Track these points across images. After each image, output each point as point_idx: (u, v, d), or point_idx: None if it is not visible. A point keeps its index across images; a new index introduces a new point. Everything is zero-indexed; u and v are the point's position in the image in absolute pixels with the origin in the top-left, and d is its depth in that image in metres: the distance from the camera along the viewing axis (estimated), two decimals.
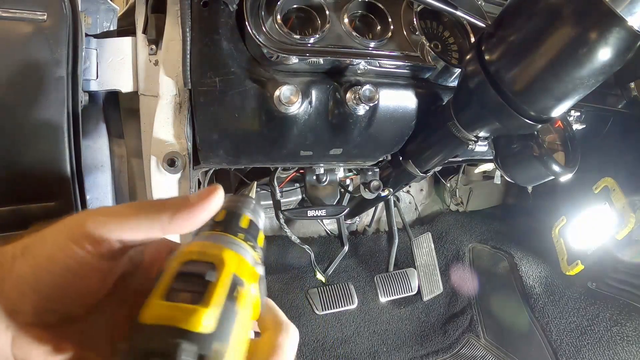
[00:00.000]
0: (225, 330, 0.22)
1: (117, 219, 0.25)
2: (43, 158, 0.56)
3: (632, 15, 0.39)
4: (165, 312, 0.21)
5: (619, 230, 1.05)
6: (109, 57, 0.64)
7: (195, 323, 0.21)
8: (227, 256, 0.25)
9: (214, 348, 0.21)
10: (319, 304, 1.19)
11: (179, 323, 0.21)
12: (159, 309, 0.21)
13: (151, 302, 0.22)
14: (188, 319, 0.21)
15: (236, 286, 0.24)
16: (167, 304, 0.22)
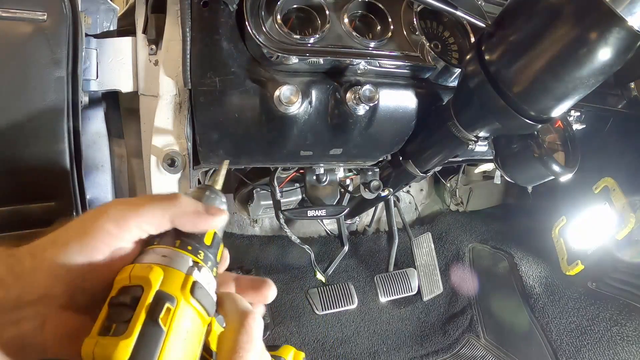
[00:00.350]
0: (147, 355, 0.23)
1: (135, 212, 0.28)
2: (43, 158, 0.56)
3: (632, 15, 0.39)
4: (92, 348, 0.23)
5: (619, 230, 1.05)
6: (109, 57, 0.64)
7: (112, 356, 0.22)
8: (151, 275, 0.26)
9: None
10: (319, 304, 1.19)
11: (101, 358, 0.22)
12: (91, 346, 0.23)
13: (86, 340, 0.24)
14: (106, 353, 0.22)
15: (162, 305, 0.25)
16: (97, 339, 0.24)
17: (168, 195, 0.30)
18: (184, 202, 0.30)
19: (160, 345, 0.24)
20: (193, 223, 0.30)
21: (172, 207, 0.29)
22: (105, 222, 0.27)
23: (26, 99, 0.54)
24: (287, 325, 1.15)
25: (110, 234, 0.27)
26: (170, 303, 0.25)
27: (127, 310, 0.25)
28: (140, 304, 0.25)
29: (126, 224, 0.28)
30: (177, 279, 0.27)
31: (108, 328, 0.24)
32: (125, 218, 0.28)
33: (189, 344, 0.26)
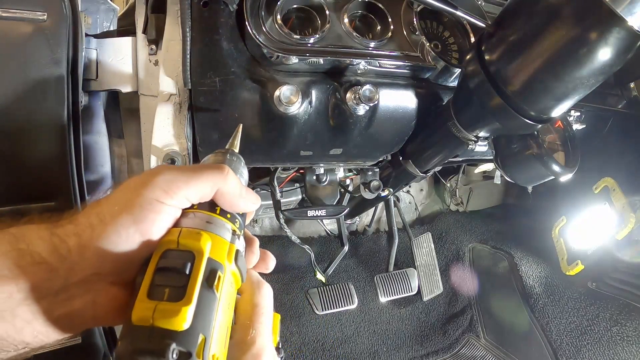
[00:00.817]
0: (207, 320, 0.24)
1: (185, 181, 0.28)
2: (43, 158, 0.56)
3: (632, 15, 0.39)
4: (150, 313, 0.23)
5: (619, 230, 1.05)
6: (109, 57, 0.64)
7: (177, 322, 0.23)
8: (202, 242, 0.26)
9: (199, 340, 0.23)
10: (319, 304, 1.19)
11: (164, 324, 0.23)
12: (145, 310, 0.23)
13: (137, 304, 0.24)
14: (170, 319, 0.23)
15: (215, 273, 0.26)
16: (151, 304, 0.24)
17: (217, 168, 0.30)
18: (232, 180, 0.31)
19: (215, 310, 0.25)
20: (233, 203, 0.31)
21: (221, 181, 0.30)
22: (155, 190, 0.27)
23: (26, 99, 0.54)
24: (287, 325, 1.15)
25: (160, 202, 0.27)
26: (220, 271, 0.26)
27: (180, 275, 0.25)
28: (195, 270, 0.25)
29: (175, 192, 0.28)
30: (222, 246, 0.28)
31: (160, 292, 0.24)
32: (174, 186, 0.28)
33: (230, 308, 0.28)
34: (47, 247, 0.26)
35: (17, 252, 0.26)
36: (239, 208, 0.31)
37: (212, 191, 0.30)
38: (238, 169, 0.35)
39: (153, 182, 0.28)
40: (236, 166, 0.35)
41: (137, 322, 0.23)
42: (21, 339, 0.26)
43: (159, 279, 0.25)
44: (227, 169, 0.31)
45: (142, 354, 0.22)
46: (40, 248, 0.26)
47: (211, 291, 0.25)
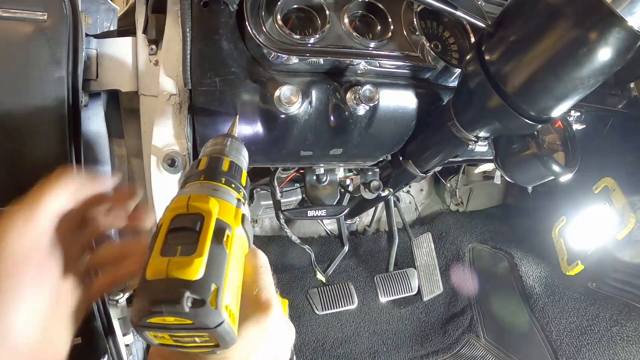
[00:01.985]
0: (218, 272, 0.25)
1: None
2: (43, 158, 0.56)
3: (632, 15, 0.39)
4: (164, 266, 0.24)
5: (619, 230, 1.05)
6: (109, 57, 0.64)
7: (190, 272, 0.24)
8: (210, 204, 0.28)
9: (212, 289, 0.24)
10: (319, 304, 1.20)
11: (177, 274, 0.24)
12: (159, 265, 0.24)
13: (151, 261, 0.25)
14: (184, 270, 0.24)
15: (223, 231, 0.27)
16: (165, 259, 0.25)
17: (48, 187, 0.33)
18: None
19: (225, 265, 0.26)
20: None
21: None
22: None
23: (26, 99, 0.54)
24: None
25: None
26: (228, 230, 0.28)
27: (191, 233, 0.26)
28: (205, 228, 0.27)
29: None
30: (230, 210, 0.30)
31: (173, 250, 0.25)
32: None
33: (239, 270, 0.29)
34: None
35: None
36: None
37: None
38: (240, 151, 0.37)
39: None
40: (237, 149, 0.37)
41: (152, 277, 0.24)
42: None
43: (171, 238, 0.26)
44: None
45: (157, 304, 0.23)
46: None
47: (221, 247, 0.26)
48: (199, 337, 0.25)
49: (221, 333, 0.24)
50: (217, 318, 0.24)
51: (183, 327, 0.24)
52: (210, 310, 0.24)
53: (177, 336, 0.25)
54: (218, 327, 0.24)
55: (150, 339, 0.25)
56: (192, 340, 0.25)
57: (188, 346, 0.26)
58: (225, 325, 0.24)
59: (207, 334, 0.24)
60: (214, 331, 0.24)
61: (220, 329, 0.24)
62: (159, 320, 0.24)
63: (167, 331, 0.24)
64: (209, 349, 0.26)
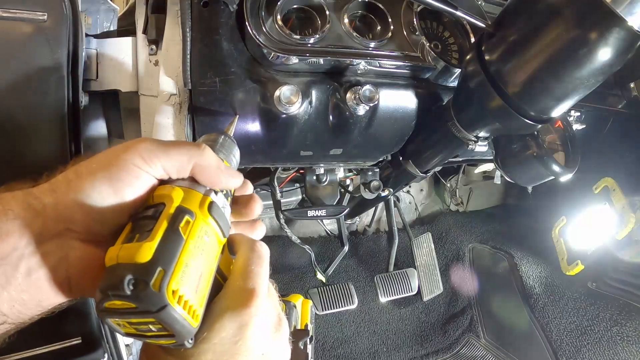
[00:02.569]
0: (168, 257, 0.25)
1: (163, 152, 0.29)
2: (43, 158, 0.56)
3: (632, 15, 0.39)
4: (117, 253, 0.25)
5: (619, 230, 1.05)
6: (109, 57, 0.64)
7: (137, 256, 0.24)
8: (173, 193, 0.28)
9: (157, 272, 0.24)
10: (319, 304, 1.19)
11: (124, 259, 0.25)
12: (115, 252, 0.25)
13: (110, 248, 0.26)
14: (131, 254, 0.24)
15: (182, 217, 0.27)
16: (120, 246, 0.25)
17: (195, 144, 0.32)
18: (209, 154, 0.32)
19: (179, 250, 0.26)
20: (211, 178, 0.31)
21: (198, 155, 0.31)
22: (134, 155, 0.28)
23: (26, 99, 0.54)
24: None
25: (137, 167, 0.28)
26: (189, 216, 0.28)
27: (150, 221, 0.27)
28: (163, 215, 0.27)
29: (153, 160, 0.29)
30: (196, 198, 0.29)
31: (131, 238, 0.26)
32: (152, 155, 0.29)
33: (205, 259, 0.28)
34: (21, 204, 0.27)
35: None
36: (219, 182, 0.32)
37: (189, 164, 0.30)
38: (231, 150, 0.37)
39: (133, 148, 0.29)
40: (228, 147, 0.37)
41: (107, 263, 0.25)
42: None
43: (134, 227, 0.27)
44: (204, 145, 0.32)
45: (105, 288, 0.24)
46: (14, 206, 0.27)
47: (176, 232, 0.26)
48: (152, 324, 0.24)
49: (166, 319, 0.24)
50: (159, 301, 0.23)
51: (130, 311, 0.24)
52: (151, 292, 0.23)
53: (133, 323, 0.25)
54: (161, 311, 0.23)
55: (115, 326, 0.25)
56: (148, 328, 0.25)
57: (149, 335, 0.25)
58: (169, 310, 0.24)
59: (155, 320, 0.24)
60: (158, 316, 0.23)
61: (164, 314, 0.23)
62: (111, 304, 0.24)
63: (122, 317, 0.24)
64: (170, 339, 0.25)
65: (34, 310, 0.28)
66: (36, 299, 0.27)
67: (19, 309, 0.27)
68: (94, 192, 0.27)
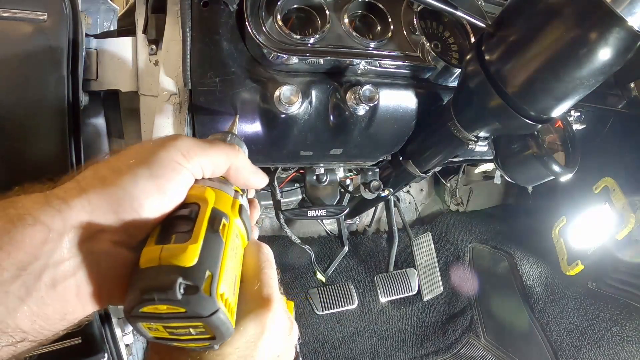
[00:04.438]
0: (214, 260, 0.24)
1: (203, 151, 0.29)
2: (43, 158, 0.56)
3: (632, 15, 0.39)
4: (158, 254, 0.24)
5: (619, 230, 1.05)
6: (109, 57, 0.64)
7: (183, 258, 0.23)
8: (207, 193, 0.28)
9: (206, 276, 0.23)
10: (319, 304, 1.19)
11: (168, 261, 0.23)
12: (152, 253, 0.24)
13: (145, 249, 0.24)
14: (177, 256, 0.23)
15: (220, 219, 0.27)
16: (158, 247, 0.24)
17: (230, 145, 0.32)
18: (244, 156, 0.32)
19: (222, 253, 0.25)
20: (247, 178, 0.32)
21: (234, 157, 0.31)
22: (175, 152, 0.27)
23: (26, 99, 0.54)
24: None
25: (178, 163, 0.27)
26: (225, 219, 0.27)
27: (187, 222, 0.26)
28: (201, 215, 0.26)
29: (193, 157, 0.28)
30: (227, 200, 0.30)
31: (167, 238, 0.25)
32: (192, 152, 0.28)
33: (237, 260, 0.28)
34: (41, 207, 0.24)
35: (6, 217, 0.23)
36: (252, 183, 0.33)
37: (226, 165, 0.31)
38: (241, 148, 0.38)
39: (172, 144, 0.28)
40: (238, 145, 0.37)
41: (145, 265, 0.24)
42: (16, 325, 0.23)
43: (167, 227, 0.26)
44: (238, 147, 0.33)
45: (149, 291, 0.22)
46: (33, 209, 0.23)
47: (217, 235, 0.26)
48: (194, 327, 0.24)
49: (216, 322, 0.23)
50: (211, 306, 0.23)
51: (176, 316, 0.23)
52: (203, 297, 0.23)
53: (171, 327, 0.24)
54: (212, 315, 0.23)
55: (145, 331, 0.24)
56: (187, 331, 0.24)
57: (183, 339, 0.25)
58: (220, 314, 0.23)
59: (202, 324, 0.23)
60: (209, 320, 0.23)
61: (214, 318, 0.23)
62: (151, 309, 0.23)
63: (161, 321, 0.23)
64: (205, 342, 0.25)
65: (57, 325, 0.25)
66: (61, 313, 0.24)
67: (41, 324, 0.24)
68: (136, 189, 0.25)
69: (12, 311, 0.22)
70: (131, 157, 0.27)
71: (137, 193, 0.26)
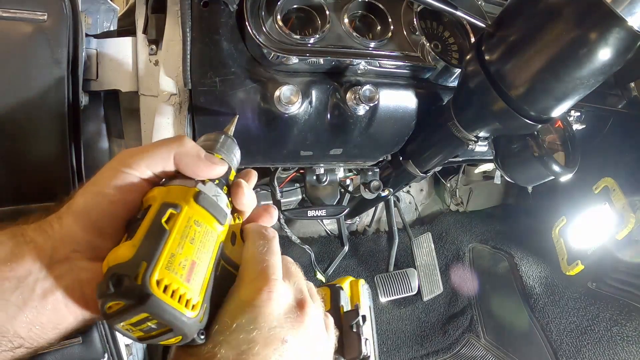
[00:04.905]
0: (150, 250, 0.25)
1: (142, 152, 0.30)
2: (43, 158, 0.56)
3: (632, 15, 0.39)
4: (107, 258, 0.26)
5: (619, 230, 1.05)
6: (109, 57, 0.64)
7: (118, 256, 0.25)
8: (157, 192, 0.29)
9: (140, 265, 0.24)
10: None
11: (112, 262, 0.25)
12: (109, 256, 0.26)
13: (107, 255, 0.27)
14: (114, 256, 0.26)
15: (165, 211, 0.27)
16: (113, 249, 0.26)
17: (174, 137, 0.33)
18: (188, 144, 0.31)
19: (163, 242, 0.26)
20: (194, 166, 0.31)
21: (177, 146, 0.31)
22: (116, 162, 0.30)
23: (26, 99, 0.54)
24: None
25: (120, 171, 0.29)
26: (173, 209, 0.28)
27: (137, 223, 0.27)
28: (148, 214, 0.28)
29: (134, 160, 0.30)
30: (182, 192, 0.30)
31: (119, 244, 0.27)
32: (133, 155, 0.30)
33: (199, 248, 0.28)
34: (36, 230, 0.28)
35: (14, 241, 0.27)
36: (200, 170, 0.31)
37: (169, 155, 0.31)
38: (231, 149, 0.37)
39: (115, 157, 0.30)
40: (229, 147, 0.37)
41: (104, 267, 0.26)
42: (15, 331, 0.26)
43: (126, 234, 0.28)
44: (185, 136, 0.32)
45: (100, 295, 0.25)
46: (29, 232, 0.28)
47: (159, 226, 0.27)
48: (149, 321, 0.24)
49: (155, 310, 0.23)
50: (140, 292, 0.23)
51: (123, 310, 0.24)
52: (133, 285, 0.23)
53: (135, 324, 0.25)
54: (146, 302, 0.23)
55: (126, 333, 0.25)
56: (149, 327, 0.25)
57: (154, 335, 0.25)
58: (154, 299, 0.23)
59: (149, 315, 0.24)
60: (146, 308, 0.23)
61: (150, 304, 0.23)
62: (111, 311, 0.24)
63: (121, 319, 0.24)
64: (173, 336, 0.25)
65: (51, 333, 0.28)
66: (53, 322, 0.28)
67: (37, 332, 0.27)
68: (88, 206, 0.29)
69: (12, 318, 0.26)
70: (88, 181, 0.30)
71: (89, 209, 0.29)
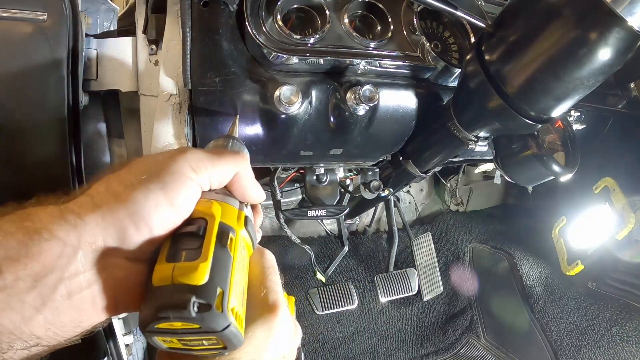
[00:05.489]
0: (223, 276, 0.26)
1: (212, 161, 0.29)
2: (43, 158, 0.56)
3: (632, 15, 0.39)
4: (170, 272, 0.25)
5: (619, 230, 1.05)
6: (109, 57, 0.64)
7: (195, 277, 0.24)
8: (213, 209, 0.28)
9: (218, 292, 0.24)
10: (319, 304, 1.19)
11: (183, 280, 0.24)
12: (164, 271, 0.25)
13: (157, 267, 0.25)
14: (189, 275, 0.24)
15: (227, 234, 0.27)
16: (170, 265, 0.25)
17: (237, 153, 0.32)
18: (249, 166, 0.32)
19: (230, 268, 0.26)
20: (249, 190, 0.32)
21: (241, 165, 0.31)
22: (184, 165, 0.28)
23: (26, 99, 0.54)
24: None
25: (188, 177, 0.27)
26: (232, 233, 0.28)
27: (195, 238, 0.26)
28: (209, 232, 0.27)
29: (202, 170, 0.28)
30: (232, 213, 0.30)
31: (177, 255, 0.26)
32: (201, 165, 0.28)
33: (244, 272, 0.29)
34: (57, 221, 0.24)
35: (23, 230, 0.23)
36: (251, 196, 0.32)
37: (233, 172, 0.31)
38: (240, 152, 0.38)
39: (182, 157, 0.28)
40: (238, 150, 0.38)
41: (158, 283, 0.24)
42: (30, 332, 0.23)
43: (176, 244, 0.27)
44: (246, 155, 0.33)
45: (164, 309, 0.23)
46: (49, 224, 0.24)
47: (225, 250, 0.27)
48: (207, 340, 0.25)
49: (228, 336, 0.25)
50: (223, 321, 0.24)
51: (190, 331, 0.24)
52: (216, 314, 0.24)
53: (185, 340, 0.25)
54: (225, 330, 0.24)
55: (159, 343, 0.26)
56: (200, 343, 0.25)
57: (196, 349, 0.26)
58: (232, 328, 0.25)
59: (215, 337, 0.25)
60: (221, 334, 0.24)
61: (227, 332, 0.25)
62: (166, 325, 0.24)
63: (175, 336, 0.25)
64: (217, 350, 0.26)
65: (71, 332, 0.26)
66: (76, 321, 0.25)
67: (55, 332, 0.25)
68: (149, 203, 0.26)
69: (28, 319, 0.23)
70: (142, 171, 0.27)
71: (149, 209, 0.26)
